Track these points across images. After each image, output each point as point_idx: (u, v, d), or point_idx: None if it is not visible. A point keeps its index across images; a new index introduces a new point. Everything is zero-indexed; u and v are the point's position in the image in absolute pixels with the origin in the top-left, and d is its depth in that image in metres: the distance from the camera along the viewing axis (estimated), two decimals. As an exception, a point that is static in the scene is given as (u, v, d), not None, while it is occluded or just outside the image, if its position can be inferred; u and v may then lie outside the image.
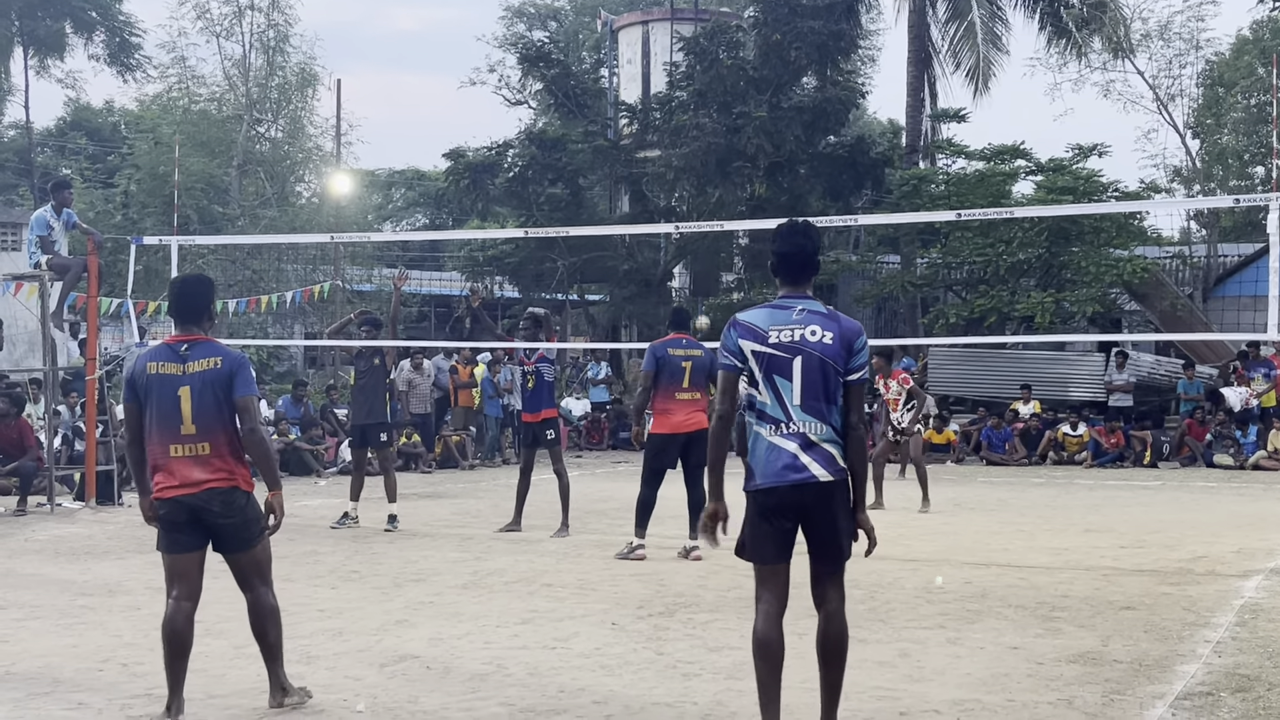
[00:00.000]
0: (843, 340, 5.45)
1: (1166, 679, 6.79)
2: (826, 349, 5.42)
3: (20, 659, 7.31)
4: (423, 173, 52.26)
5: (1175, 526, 13.63)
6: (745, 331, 5.48)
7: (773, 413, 5.42)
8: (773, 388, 5.42)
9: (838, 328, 5.47)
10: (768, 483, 5.41)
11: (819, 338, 5.43)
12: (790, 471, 5.37)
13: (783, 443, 5.39)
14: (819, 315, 5.49)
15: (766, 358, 5.43)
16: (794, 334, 5.44)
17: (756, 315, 5.54)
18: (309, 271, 31.10)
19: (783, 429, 5.40)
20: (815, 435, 5.39)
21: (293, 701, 6.21)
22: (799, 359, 5.40)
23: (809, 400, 5.40)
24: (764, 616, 5.48)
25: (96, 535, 13.03)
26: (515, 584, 9.92)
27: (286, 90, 33.80)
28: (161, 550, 6.19)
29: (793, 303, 5.53)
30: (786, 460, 5.38)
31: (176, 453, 6.06)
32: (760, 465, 5.44)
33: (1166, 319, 27.03)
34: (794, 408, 5.39)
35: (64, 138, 43.91)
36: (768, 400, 5.42)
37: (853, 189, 30.33)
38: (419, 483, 19.50)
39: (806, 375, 5.40)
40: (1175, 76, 32.68)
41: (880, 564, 10.75)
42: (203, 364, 6.12)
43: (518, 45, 35.54)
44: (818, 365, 5.41)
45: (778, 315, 5.50)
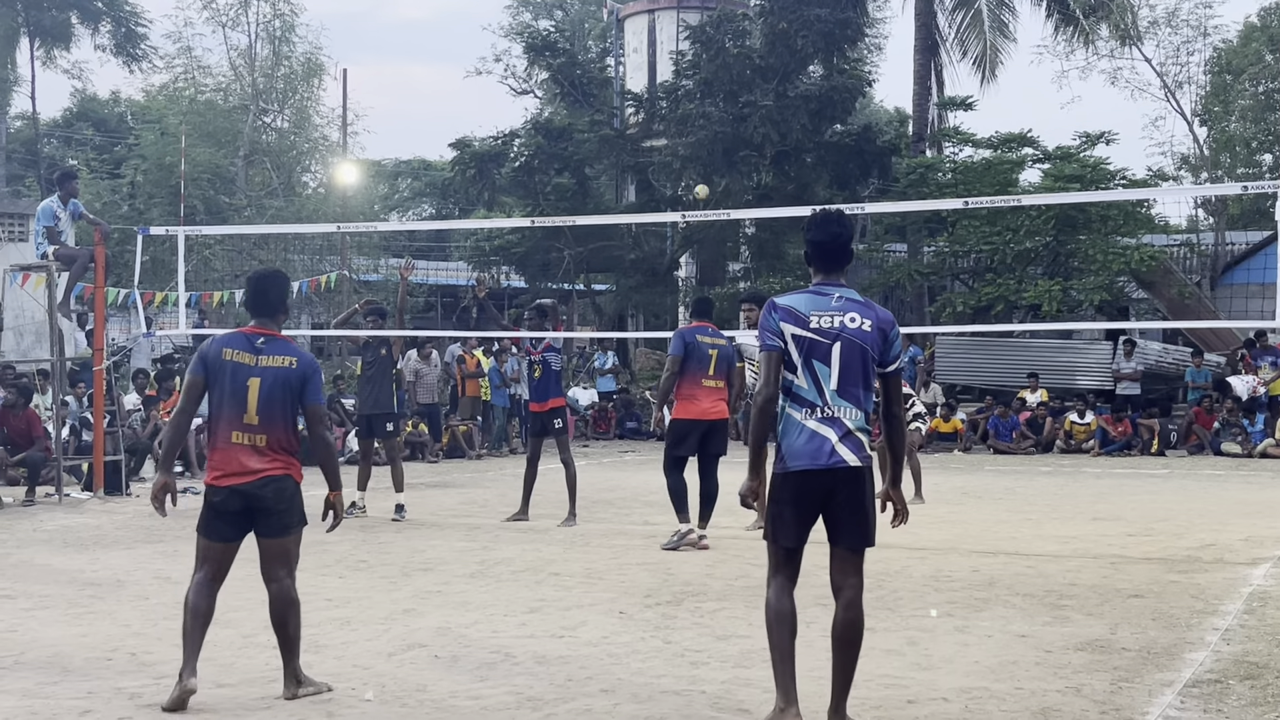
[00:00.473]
0: (879, 329, 5.58)
1: (1175, 667, 6.79)
2: (865, 336, 5.53)
3: (30, 648, 7.32)
4: (429, 163, 52.22)
5: (1183, 514, 13.62)
6: (786, 315, 5.56)
7: (809, 397, 5.52)
8: (811, 372, 5.51)
9: (875, 316, 5.60)
10: (800, 465, 5.51)
11: (858, 325, 5.54)
12: (824, 456, 5.49)
13: (818, 427, 5.50)
14: (857, 303, 5.61)
15: (807, 342, 5.51)
16: (834, 320, 5.54)
17: (797, 300, 5.62)
18: (315, 262, 31.10)
19: (818, 413, 5.51)
20: (850, 421, 5.51)
21: (306, 693, 6.23)
22: (838, 345, 5.51)
23: (845, 386, 5.51)
24: (779, 589, 5.68)
25: (104, 525, 13.06)
26: (523, 573, 9.93)
27: (292, 80, 33.78)
28: (200, 532, 6.41)
29: (830, 289, 5.64)
30: (821, 445, 5.49)
31: (237, 439, 6.29)
32: (794, 448, 5.53)
33: (1174, 307, 26.99)
34: (831, 393, 5.50)
35: (70, 128, 43.91)
36: (805, 384, 5.52)
37: (859, 178, 30.27)
38: (426, 472, 19.52)
39: (845, 361, 5.51)
40: (1183, 64, 32.66)
41: (888, 552, 10.74)
42: (277, 360, 6.37)
43: (524, 34, 35.49)
44: (856, 352, 5.52)
45: (818, 301, 5.59)
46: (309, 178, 36.09)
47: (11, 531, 12.56)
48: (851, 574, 5.74)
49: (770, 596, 5.69)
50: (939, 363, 26.26)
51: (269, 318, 6.53)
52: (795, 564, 5.70)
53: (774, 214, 24.63)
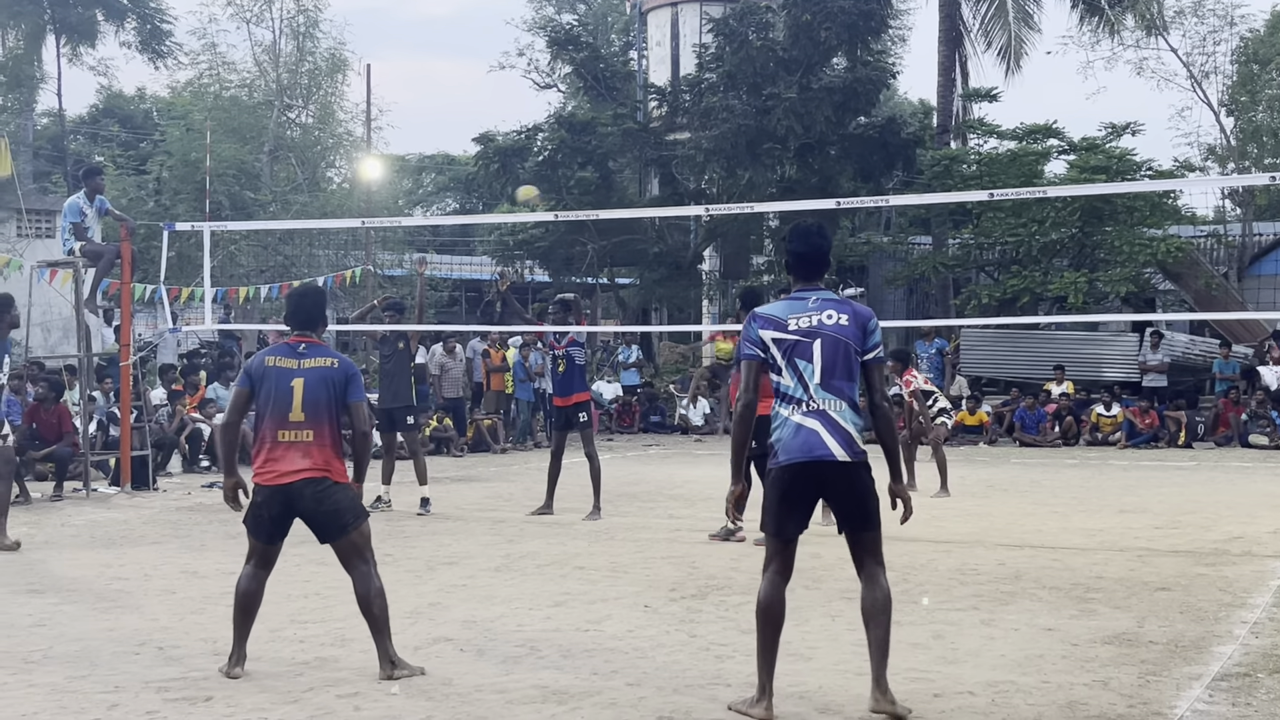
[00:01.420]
0: (857, 322, 5.84)
1: (1203, 660, 6.76)
2: (843, 329, 5.81)
3: (58, 642, 7.36)
4: (453, 157, 52.30)
5: (1211, 507, 13.55)
6: (766, 322, 5.87)
7: (794, 393, 5.77)
8: (794, 370, 5.78)
9: (851, 310, 5.88)
10: (790, 459, 5.73)
11: (835, 320, 5.82)
12: (812, 449, 5.70)
13: (804, 420, 5.73)
14: (833, 301, 5.91)
15: (788, 344, 5.80)
16: (812, 319, 5.83)
17: (776, 308, 5.96)
18: (340, 256, 31.18)
19: (804, 407, 5.75)
20: (835, 412, 5.73)
21: (401, 674, 6.45)
22: (818, 341, 5.78)
23: (828, 379, 5.76)
24: (770, 584, 5.84)
25: (132, 520, 13.12)
26: (548, 567, 9.94)
27: (317, 76, 33.86)
28: (248, 529, 6.78)
29: (808, 294, 5.95)
30: (808, 438, 5.71)
31: (284, 437, 6.61)
32: (783, 444, 5.77)
33: (1201, 298, 26.82)
34: (815, 387, 5.74)
35: (96, 125, 44.11)
36: (790, 382, 5.79)
37: (883, 170, 30.17)
38: (451, 466, 19.56)
39: (826, 356, 5.77)
40: (1209, 54, 32.38)
41: (913, 545, 10.73)
42: (318, 362, 6.74)
43: (547, 28, 35.50)
44: (836, 346, 5.78)
45: (795, 306, 5.91)
46: (333, 173, 36.18)
47: (40, 526, 12.63)
48: (868, 553, 5.90)
49: (763, 589, 5.86)
50: (964, 355, 26.16)
51: (310, 329, 6.90)
52: (789, 556, 5.86)
53: (798, 207, 24.55)
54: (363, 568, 6.67)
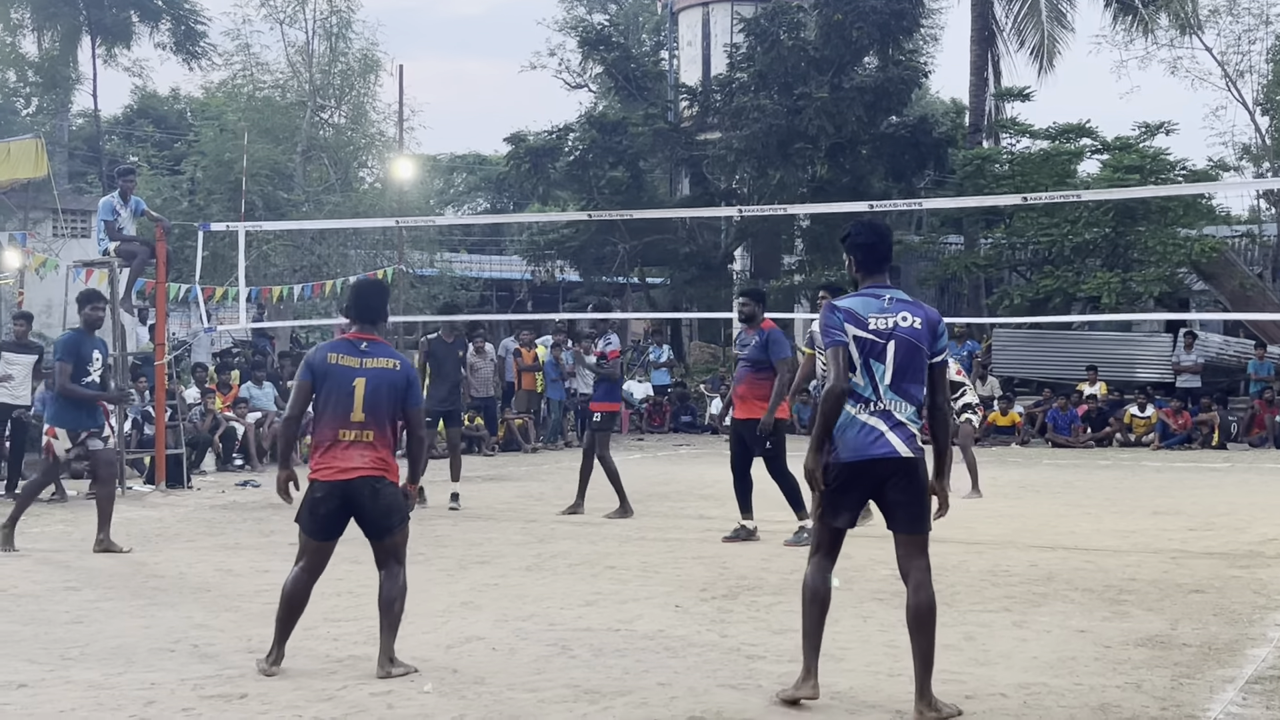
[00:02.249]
0: (929, 325, 5.97)
1: (1236, 663, 6.73)
2: (916, 334, 5.92)
3: (95, 639, 7.43)
4: (484, 157, 52.37)
5: (1245, 509, 13.47)
6: (849, 316, 5.94)
7: (864, 392, 5.88)
8: (867, 370, 5.89)
9: (924, 314, 6.00)
10: (851, 457, 5.86)
11: (910, 323, 5.93)
12: (875, 447, 5.84)
13: (870, 419, 5.86)
14: (907, 303, 6.01)
15: (866, 342, 5.90)
16: (888, 321, 5.93)
17: (855, 302, 6.00)
18: (372, 256, 31.28)
19: (871, 406, 5.87)
20: (900, 414, 5.88)
21: (398, 672, 6.51)
22: (892, 343, 5.89)
23: (899, 381, 5.89)
24: (817, 568, 6.04)
25: (167, 518, 13.22)
26: (579, 566, 9.97)
27: (349, 76, 33.94)
28: (302, 528, 6.75)
29: (881, 291, 6.03)
30: (873, 436, 5.85)
31: (344, 437, 6.63)
32: (847, 440, 5.88)
33: (1235, 299, 26.64)
34: (885, 388, 5.87)
35: (131, 125, 44.36)
36: (861, 380, 5.89)
37: (915, 169, 30.10)
38: (482, 466, 19.60)
39: (899, 358, 5.89)
40: (1244, 52, 32.09)
41: (945, 547, 10.70)
42: (381, 362, 6.74)
43: (578, 28, 35.53)
44: (909, 349, 5.90)
45: (872, 304, 5.98)
46: (366, 173, 36.30)
47: (75, 524, 12.74)
48: (916, 557, 6.00)
49: (809, 574, 6.05)
50: (996, 355, 26.08)
51: (371, 324, 6.88)
52: (837, 545, 6.08)
53: (829, 208, 24.53)
54: (395, 567, 6.76)
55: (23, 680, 6.48)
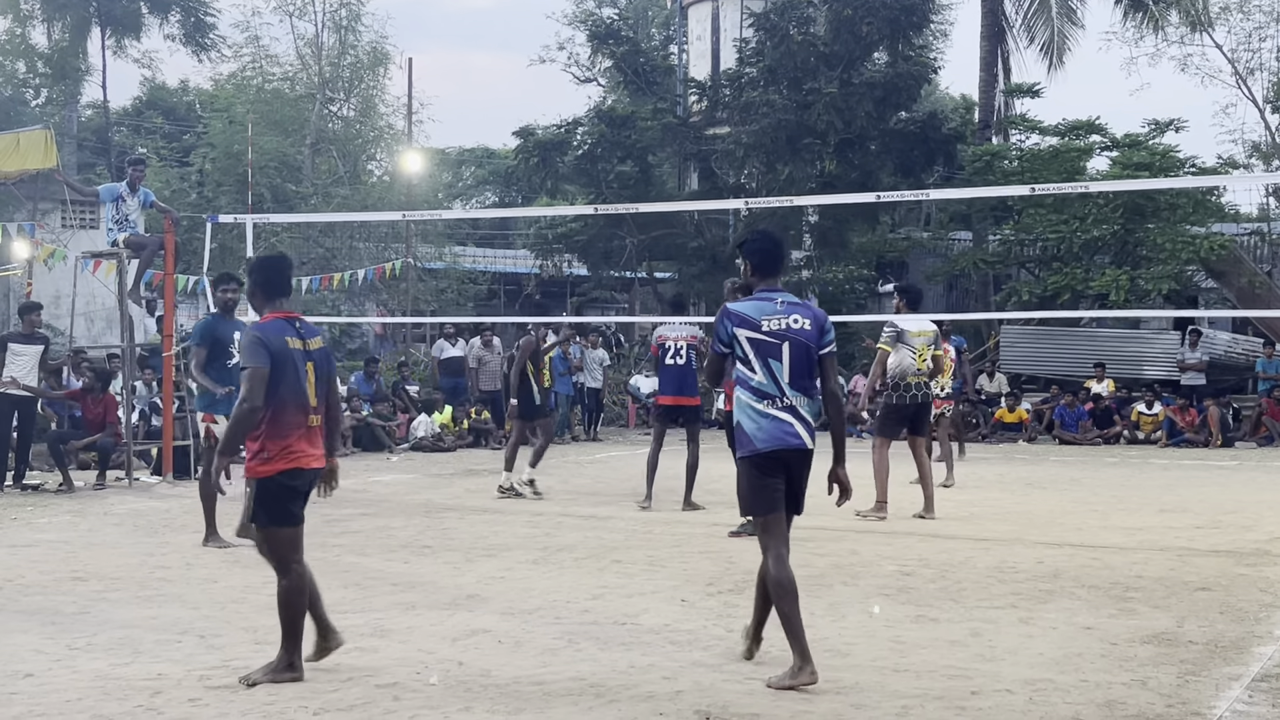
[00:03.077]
0: (817, 325, 6.52)
1: (1243, 661, 6.72)
2: (807, 334, 6.47)
3: (102, 629, 7.45)
4: (492, 151, 52.39)
5: (1252, 507, 13.45)
6: (740, 321, 6.48)
7: (768, 389, 6.41)
8: (767, 368, 6.41)
9: (812, 314, 6.57)
10: (767, 447, 6.36)
11: (800, 325, 6.48)
12: (787, 437, 6.38)
13: (778, 413, 6.39)
14: (797, 305, 6.57)
15: (762, 343, 6.43)
16: (781, 323, 6.46)
17: (747, 307, 6.54)
18: (381, 250, 31.30)
19: (779, 402, 6.41)
20: (802, 407, 6.43)
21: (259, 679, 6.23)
22: (787, 344, 6.43)
23: (796, 378, 6.43)
24: (776, 560, 6.35)
25: (174, 509, 13.24)
26: (585, 560, 9.97)
27: (358, 69, 33.94)
28: (280, 523, 6.43)
29: (774, 295, 6.58)
30: (783, 428, 6.38)
31: (314, 422, 6.52)
32: (759, 433, 6.39)
33: (1244, 296, 26.60)
34: (786, 385, 6.41)
35: (140, 117, 44.42)
36: (763, 379, 6.41)
37: (924, 165, 30.05)
38: (490, 459, 19.61)
39: (794, 357, 6.44)
40: (1255, 50, 32.02)
41: (952, 543, 10.73)
42: (316, 342, 6.63)
43: (587, 22, 35.53)
44: (802, 348, 6.45)
45: (765, 307, 6.52)
46: (374, 166, 36.31)
47: (83, 515, 12.78)
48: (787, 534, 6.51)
49: (771, 567, 6.35)
50: (1004, 352, 26.06)
51: (287, 299, 6.79)
52: (784, 527, 6.43)
53: (837, 201, 24.52)
54: None
55: (29, 670, 6.50)
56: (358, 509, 13.35)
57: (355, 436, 20.61)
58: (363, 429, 20.80)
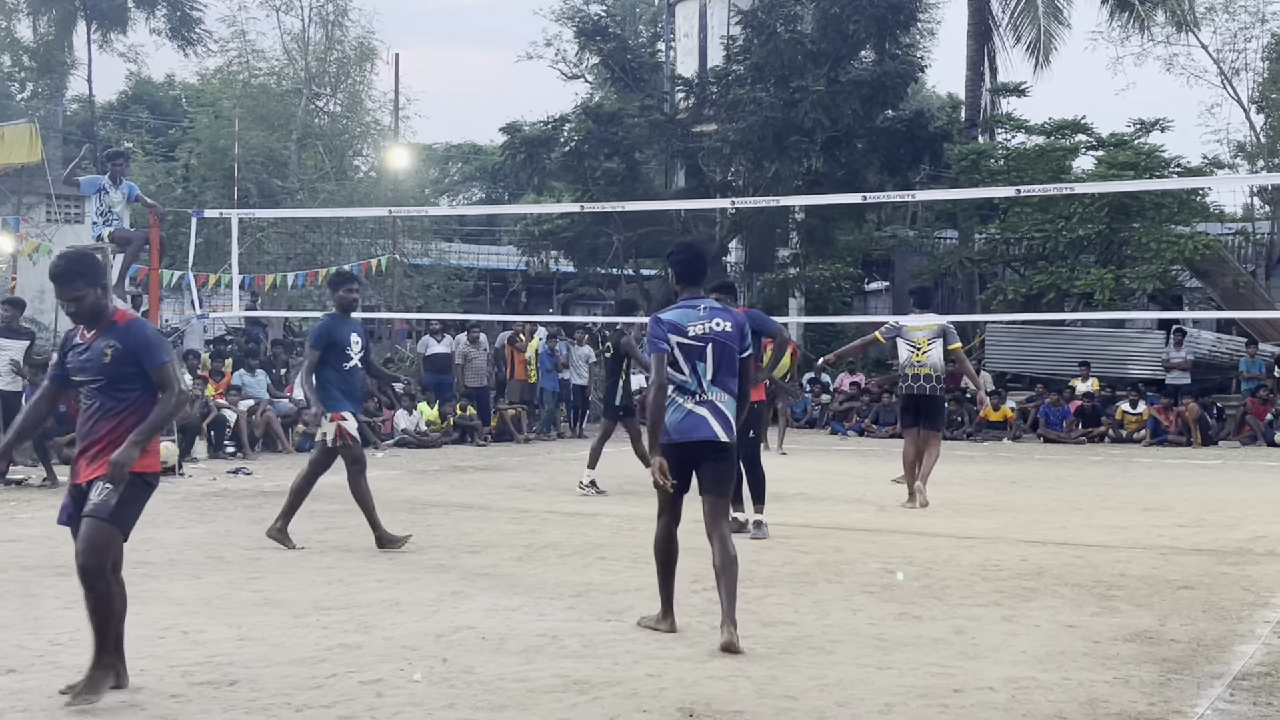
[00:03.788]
0: (738, 328, 7.26)
1: (1225, 659, 6.74)
2: (729, 335, 7.22)
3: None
4: (479, 147, 52.34)
5: (1235, 505, 13.51)
6: (671, 327, 7.20)
7: (691, 387, 7.15)
8: (692, 368, 7.15)
9: (733, 319, 7.29)
10: (682, 438, 7.13)
11: (722, 328, 7.22)
12: (700, 430, 7.12)
13: (695, 408, 7.14)
14: (719, 310, 7.33)
15: (688, 347, 7.16)
16: (705, 327, 7.20)
17: (676, 314, 7.26)
18: (367, 245, 31.25)
19: (697, 398, 7.15)
20: (720, 403, 7.16)
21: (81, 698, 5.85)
22: (710, 346, 7.17)
23: (718, 376, 7.17)
24: (664, 527, 7.36)
25: (158, 505, 13.08)
26: (570, 557, 9.97)
27: (345, 64, 33.90)
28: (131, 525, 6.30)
29: (697, 302, 7.32)
30: (697, 423, 7.13)
31: None
32: (676, 425, 7.14)
33: (1228, 296, 26.71)
34: (707, 383, 7.16)
35: (126, 111, 44.30)
36: (688, 378, 7.15)
37: (911, 164, 30.11)
38: (474, 456, 19.64)
39: (716, 358, 7.17)
40: (1240, 50, 32.16)
41: (935, 541, 10.76)
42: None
43: (574, 19, 35.46)
44: (724, 349, 7.19)
45: (690, 314, 7.25)
46: (361, 161, 36.26)
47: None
48: (721, 517, 7.32)
49: (658, 531, 7.39)
50: (989, 350, 26.13)
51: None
52: (677, 509, 7.34)
53: (822, 200, 24.55)
54: None
55: (12, 665, 6.49)
56: (342, 505, 13.30)
57: (340, 432, 20.54)
58: (348, 425, 20.73)
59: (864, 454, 19.77)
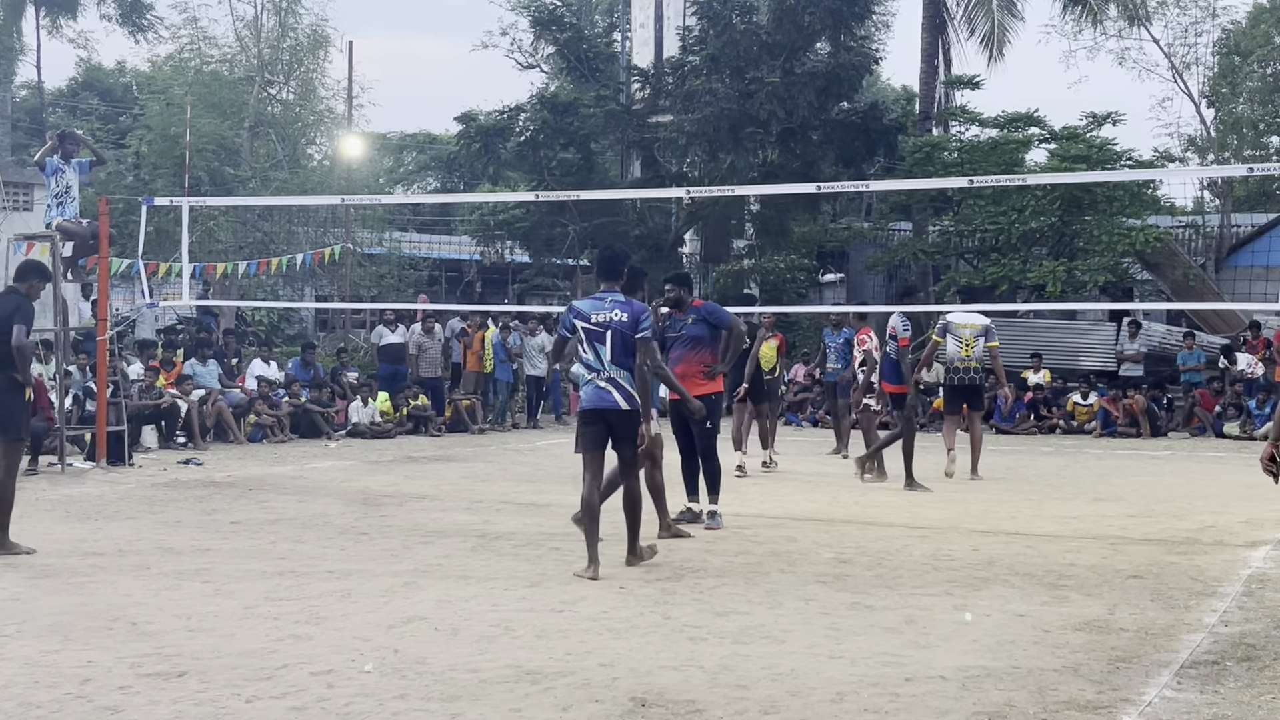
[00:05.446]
0: (633, 317, 8.81)
1: (1172, 648, 6.80)
2: (625, 324, 8.80)
3: (31, 617, 7.35)
4: (434, 136, 52.13)
5: (1184, 496, 13.64)
6: (577, 314, 8.89)
7: (594, 365, 8.83)
8: (594, 350, 8.80)
9: (630, 310, 8.84)
10: (590, 406, 8.86)
11: (619, 318, 8.80)
12: (604, 401, 8.80)
13: (600, 383, 8.81)
14: (620, 303, 8.87)
15: (591, 332, 8.80)
16: (606, 316, 8.82)
17: (585, 304, 8.94)
18: (320, 234, 31.03)
19: (600, 376, 8.80)
20: (620, 379, 8.80)
21: None
22: (609, 332, 8.78)
23: (617, 357, 8.78)
24: (589, 486, 8.84)
25: (107, 495, 13.09)
26: (524, 547, 9.95)
27: (298, 52, 33.60)
28: None
29: (606, 295, 8.93)
30: (602, 394, 8.80)
31: None
32: (587, 396, 8.90)
33: (1178, 289, 26.95)
34: (608, 363, 8.79)
35: (76, 98, 43.77)
36: (592, 358, 8.83)
37: (865, 156, 30.20)
38: (429, 446, 19.57)
39: (614, 342, 8.77)
40: (1191, 45, 32.49)
41: (888, 531, 10.81)
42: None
43: (530, 8, 35.34)
44: (621, 336, 8.78)
45: (597, 305, 8.89)
46: (314, 150, 35.98)
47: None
48: (628, 468, 9.01)
49: (584, 490, 8.86)
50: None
51: None
52: (598, 464, 8.88)
53: (779, 191, 24.57)
54: None
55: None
56: (294, 496, 13.26)
57: (293, 423, 20.46)
58: (301, 415, 20.65)
59: (817, 444, 19.82)
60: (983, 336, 15.10)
